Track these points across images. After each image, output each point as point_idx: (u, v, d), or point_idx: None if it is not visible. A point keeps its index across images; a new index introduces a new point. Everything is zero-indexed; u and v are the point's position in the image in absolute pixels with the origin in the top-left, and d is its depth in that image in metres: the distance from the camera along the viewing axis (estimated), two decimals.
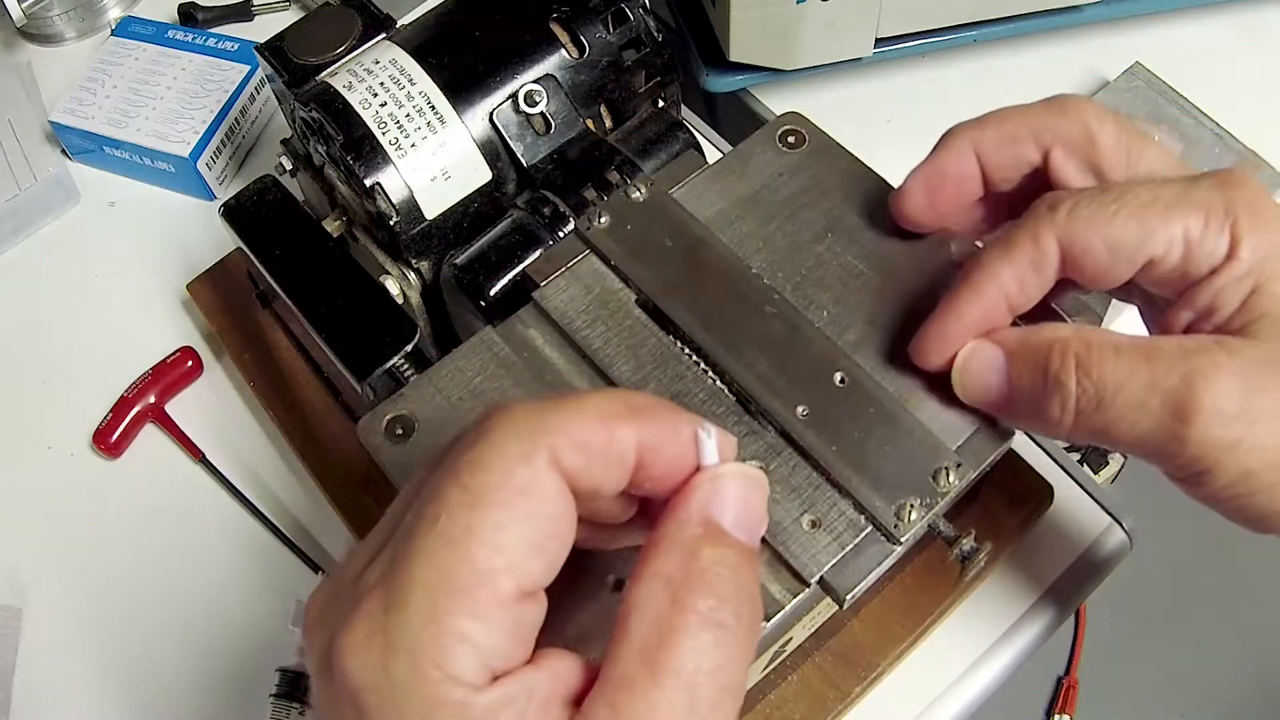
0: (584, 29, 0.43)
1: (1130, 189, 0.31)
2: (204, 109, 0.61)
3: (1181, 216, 0.30)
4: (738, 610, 0.24)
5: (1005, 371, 0.32)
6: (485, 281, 0.40)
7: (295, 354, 0.53)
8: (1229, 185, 0.31)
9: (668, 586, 0.24)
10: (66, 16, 0.69)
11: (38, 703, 0.48)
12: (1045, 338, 0.32)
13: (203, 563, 0.51)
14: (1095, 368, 0.30)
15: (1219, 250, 0.30)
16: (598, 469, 0.25)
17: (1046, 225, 0.31)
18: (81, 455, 0.54)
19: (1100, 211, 0.31)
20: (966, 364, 0.33)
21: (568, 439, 0.25)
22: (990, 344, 0.33)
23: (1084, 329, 0.32)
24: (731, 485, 0.26)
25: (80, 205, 0.63)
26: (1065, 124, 0.33)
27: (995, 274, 0.32)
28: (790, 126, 0.40)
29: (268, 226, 0.44)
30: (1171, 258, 0.31)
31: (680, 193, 0.39)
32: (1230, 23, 0.61)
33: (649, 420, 0.26)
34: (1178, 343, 0.30)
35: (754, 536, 0.26)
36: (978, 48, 0.59)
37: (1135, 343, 0.31)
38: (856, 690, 0.42)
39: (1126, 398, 0.30)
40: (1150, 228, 0.30)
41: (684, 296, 0.36)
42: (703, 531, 0.25)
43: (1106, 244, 0.31)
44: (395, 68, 0.41)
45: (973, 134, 0.35)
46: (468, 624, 0.23)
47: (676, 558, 0.25)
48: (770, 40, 0.54)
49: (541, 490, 0.24)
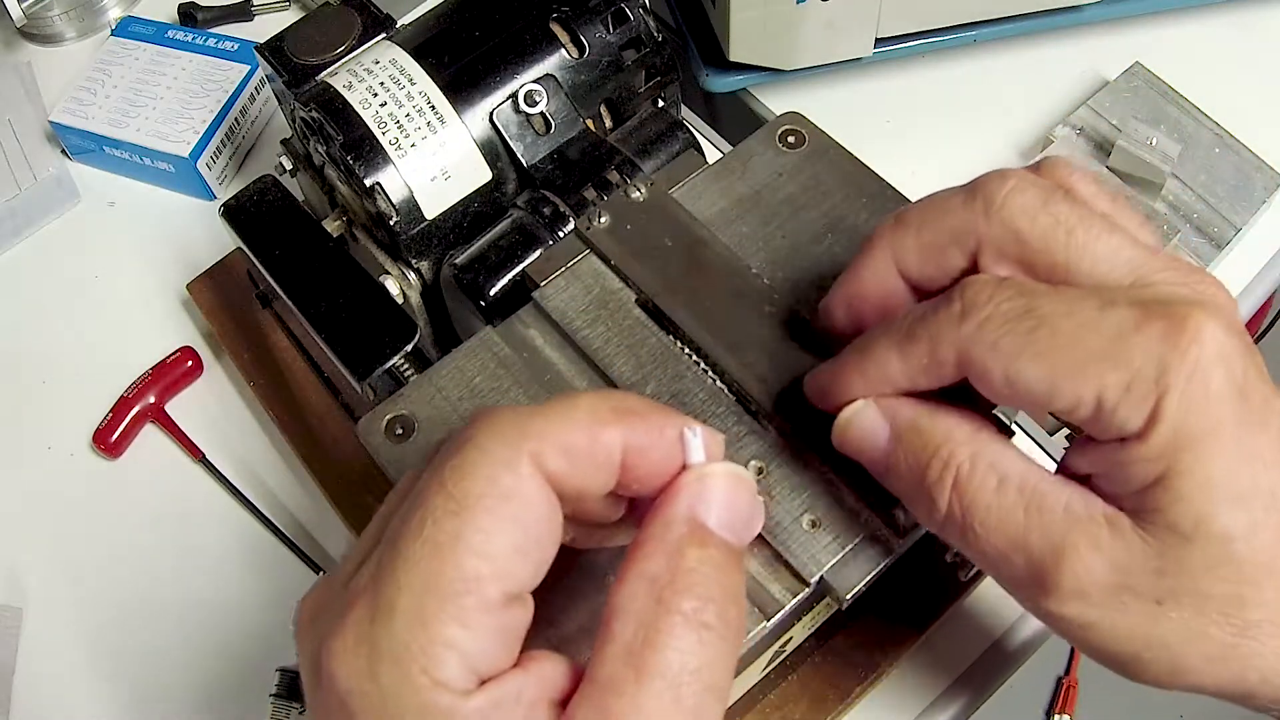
0: (584, 29, 0.43)
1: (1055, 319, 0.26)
2: (204, 109, 0.61)
3: (1101, 375, 0.26)
4: (723, 611, 0.24)
5: (886, 449, 0.30)
6: (485, 281, 0.40)
7: (295, 354, 0.53)
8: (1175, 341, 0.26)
9: (652, 587, 0.24)
10: (66, 16, 0.69)
11: (38, 703, 0.48)
12: (934, 439, 0.29)
13: (203, 563, 0.51)
14: (971, 498, 0.28)
15: (1132, 423, 0.26)
16: (583, 472, 0.25)
17: (948, 336, 0.28)
18: (81, 455, 0.54)
19: (1008, 338, 0.27)
20: (849, 424, 0.30)
21: (552, 443, 0.25)
22: (878, 415, 0.30)
23: (980, 436, 0.28)
24: (718, 485, 0.26)
25: (80, 205, 0.63)
26: (988, 226, 0.29)
27: (883, 367, 0.29)
28: (790, 126, 0.40)
29: (268, 226, 0.44)
30: (1078, 415, 0.27)
31: (680, 193, 0.39)
32: (1230, 23, 0.61)
33: (635, 422, 0.26)
34: (1065, 505, 0.27)
35: (740, 536, 0.26)
36: (978, 48, 0.59)
37: (1025, 482, 0.27)
38: (856, 690, 0.42)
39: (994, 543, 0.28)
40: (1059, 378, 0.26)
41: (684, 296, 0.36)
42: (688, 531, 0.25)
43: (1007, 380, 0.27)
44: (395, 68, 0.41)
45: (891, 244, 0.31)
46: (454, 630, 0.23)
47: (661, 558, 0.25)
48: (770, 40, 0.54)
49: (526, 495, 0.24)
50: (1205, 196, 0.53)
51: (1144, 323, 0.26)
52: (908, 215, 0.30)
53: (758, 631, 0.31)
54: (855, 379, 0.30)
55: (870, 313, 0.32)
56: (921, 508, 0.29)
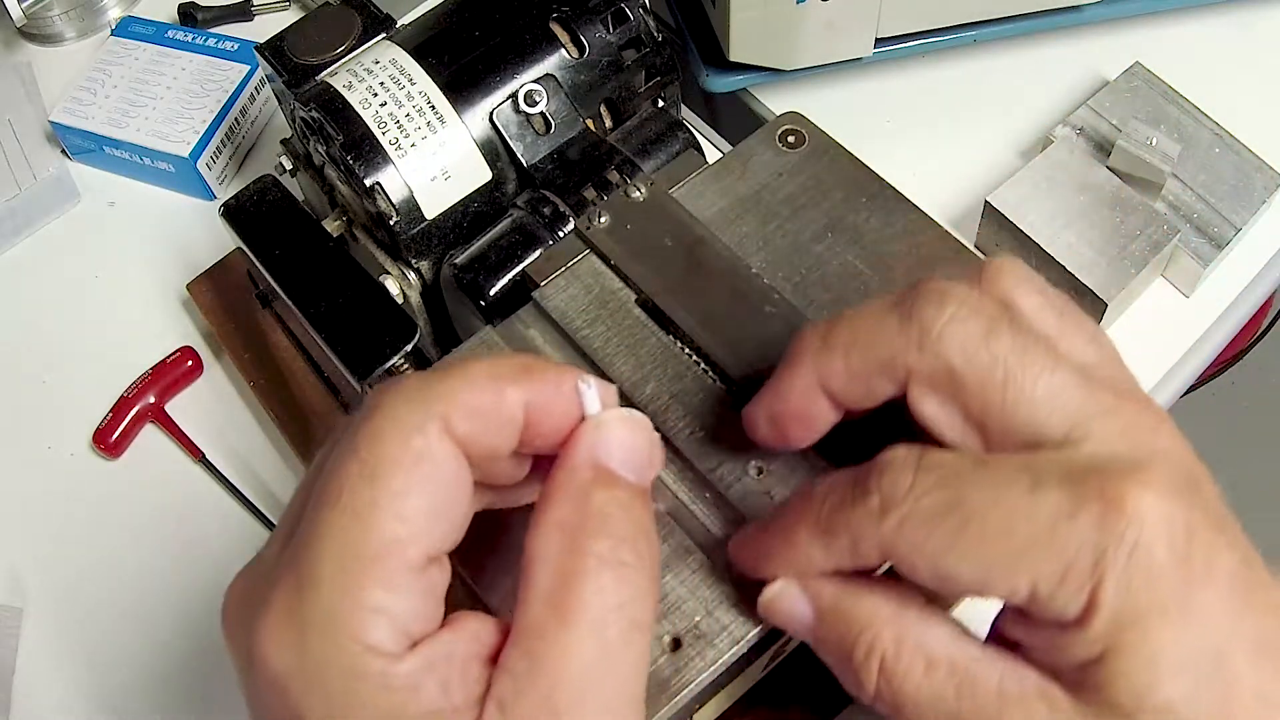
0: (584, 29, 0.43)
1: (981, 511, 0.25)
2: (204, 109, 0.61)
3: (1034, 566, 0.25)
4: (635, 547, 0.25)
5: (811, 627, 0.29)
6: (485, 281, 0.40)
7: (295, 354, 0.53)
8: (1109, 522, 0.24)
9: (563, 532, 0.25)
10: (66, 16, 0.69)
11: (38, 703, 0.48)
12: (857, 621, 0.28)
13: (203, 562, 0.51)
14: (898, 680, 0.27)
15: (1069, 611, 0.25)
16: (490, 431, 0.26)
17: (869, 532, 0.26)
18: (81, 455, 0.54)
19: (933, 539, 0.25)
20: (773, 604, 0.29)
21: (459, 405, 0.25)
22: (800, 596, 0.29)
23: (904, 616, 0.27)
24: (615, 429, 0.27)
25: (80, 205, 0.63)
26: (921, 359, 0.27)
27: (806, 556, 0.28)
28: (790, 126, 0.40)
29: (268, 226, 0.44)
30: (1012, 603, 0.26)
31: (680, 192, 0.39)
32: (1230, 23, 0.61)
33: (533, 379, 0.26)
34: (998, 682, 0.26)
35: (643, 475, 0.27)
36: (978, 48, 0.59)
37: (954, 663, 0.26)
38: None
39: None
40: (991, 574, 0.25)
41: (684, 296, 0.36)
42: (592, 476, 0.26)
43: (936, 576, 0.26)
44: (395, 67, 0.41)
45: (816, 365, 0.29)
46: (380, 594, 0.23)
47: (569, 504, 0.25)
48: (770, 40, 0.54)
49: (437, 457, 0.25)
50: (1205, 196, 0.53)
51: (1077, 509, 0.25)
52: (835, 335, 0.29)
53: (758, 631, 0.31)
54: (781, 560, 0.29)
55: (794, 431, 0.31)
56: (852, 686, 0.28)
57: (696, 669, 0.30)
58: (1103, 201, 0.51)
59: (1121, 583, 0.24)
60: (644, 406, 0.35)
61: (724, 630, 0.31)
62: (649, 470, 0.27)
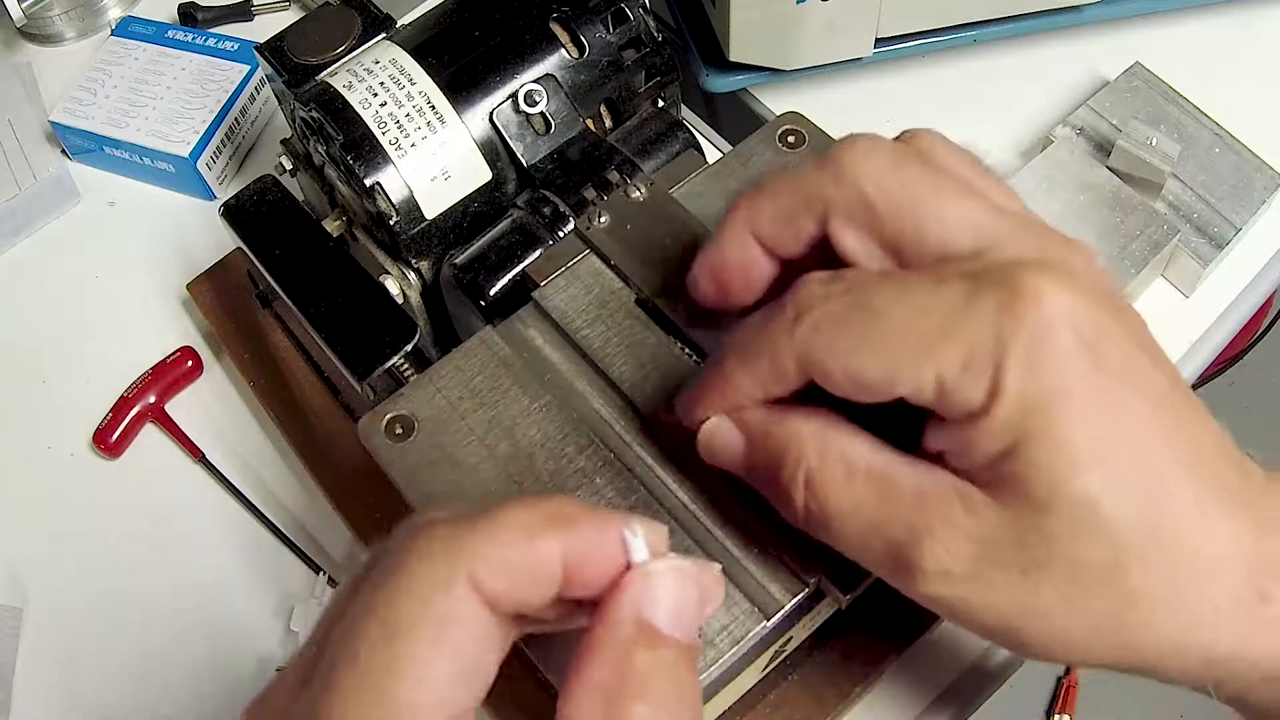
0: (584, 29, 0.43)
1: (886, 308, 0.26)
2: (204, 109, 0.61)
3: (935, 356, 0.25)
4: (676, 713, 0.24)
5: (743, 458, 0.30)
6: (485, 281, 0.40)
7: (295, 354, 0.53)
8: (1012, 308, 0.25)
9: (602, 695, 0.23)
10: (66, 16, 0.69)
11: (38, 703, 0.48)
12: (782, 437, 0.29)
13: (202, 563, 0.51)
14: (822, 491, 0.28)
15: (974, 399, 0.25)
16: (522, 587, 0.24)
17: (785, 343, 0.27)
18: (81, 455, 0.54)
19: (842, 338, 0.26)
20: (709, 440, 0.31)
21: (488, 562, 0.24)
22: (731, 427, 0.30)
23: (826, 431, 0.28)
24: (664, 582, 0.25)
25: (80, 205, 0.63)
26: (836, 191, 0.29)
27: (737, 386, 0.29)
28: (790, 126, 0.40)
29: (268, 226, 0.44)
30: (921, 398, 0.26)
31: (680, 192, 0.39)
32: (1230, 23, 0.61)
33: (571, 530, 0.25)
34: (915, 485, 0.27)
35: (691, 632, 0.25)
36: (978, 48, 0.59)
37: (872, 469, 0.27)
38: (857, 690, 0.42)
39: (852, 532, 0.27)
40: (896, 367, 0.26)
41: (684, 296, 0.36)
42: (635, 633, 0.24)
43: (848, 376, 0.27)
44: (395, 67, 0.41)
45: (747, 214, 0.31)
46: None
47: (610, 664, 0.24)
48: (770, 40, 0.54)
49: (463, 618, 0.24)
50: (1205, 196, 0.53)
51: (975, 295, 0.25)
52: (764, 184, 0.31)
53: (758, 631, 0.31)
54: (714, 397, 0.30)
55: (734, 283, 0.32)
56: (786, 509, 0.29)
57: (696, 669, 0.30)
58: (1103, 201, 0.51)
59: (1023, 366, 0.25)
60: (644, 407, 0.35)
61: (724, 630, 0.31)
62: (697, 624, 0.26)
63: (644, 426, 0.35)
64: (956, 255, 0.27)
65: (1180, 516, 0.26)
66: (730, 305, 0.32)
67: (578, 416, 0.35)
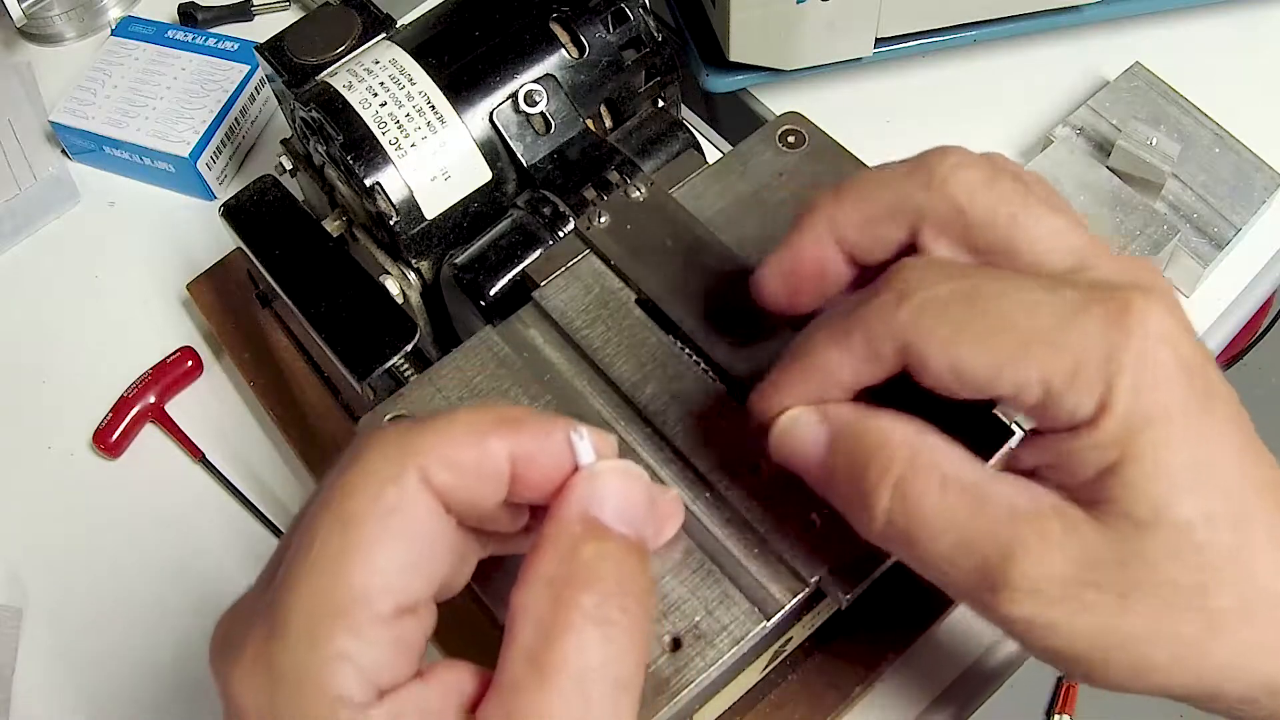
0: (584, 29, 0.43)
1: (996, 300, 0.26)
2: (204, 109, 0.61)
3: (1045, 359, 0.25)
4: (623, 604, 0.24)
5: (824, 454, 0.28)
6: (485, 281, 0.40)
7: (295, 354, 0.53)
8: (1121, 324, 0.25)
9: (550, 586, 0.24)
10: (66, 16, 0.69)
11: (38, 703, 0.48)
12: (872, 440, 0.27)
13: (203, 562, 0.51)
14: (913, 501, 0.26)
15: (1082, 410, 0.25)
16: (471, 484, 0.25)
17: (886, 323, 0.27)
18: (81, 455, 0.54)
19: (948, 324, 0.26)
20: (787, 431, 0.29)
21: (437, 457, 0.25)
22: (816, 420, 0.29)
23: (920, 437, 0.27)
24: (609, 480, 0.26)
25: (80, 205, 0.63)
26: (929, 199, 0.28)
27: (825, 367, 0.28)
28: (790, 126, 0.40)
29: (268, 226, 0.44)
30: (1024, 401, 0.26)
31: (680, 193, 0.39)
32: (1230, 23, 0.61)
33: (519, 430, 0.26)
34: (1010, 500, 0.26)
35: (639, 528, 0.26)
36: (978, 48, 0.59)
37: (965, 481, 0.26)
38: (857, 690, 0.42)
39: (939, 546, 0.26)
40: (1003, 364, 0.25)
41: (684, 296, 0.36)
42: (582, 529, 0.25)
43: (949, 367, 0.26)
44: (395, 67, 0.41)
45: (829, 216, 0.30)
46: (348, 644, 0.23)
47: (557, 558, 0.25)
48: (770, 40, 0.54)
49: (412, 509, 0.25)
50: (1205, 196, 0.53)
51: (1087, 305, 0.25)
52: (847, 186, 0.30)
53: (758, 631, 0.31)
54: (795, 381, 0.29)
55: (806, 286, 0.31)
56: (862, 515, 0.28)
57: (696, 669, 0.30)
58: (1103, 201, 0.51)
59: (1134, 383, 0.25)
60: (644, 406, 0.35)
61: (724, 630, 0.31)
62: (646, 523, 0.26)
63: (644, 427, 0.35)
64: (1050, 271, 0.27)
65: (1256, 542, 0.26)
66: (796, 309, 0.31)
67: (578, 416, 0.35)
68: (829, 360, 0.28)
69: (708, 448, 0.34)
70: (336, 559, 0.24)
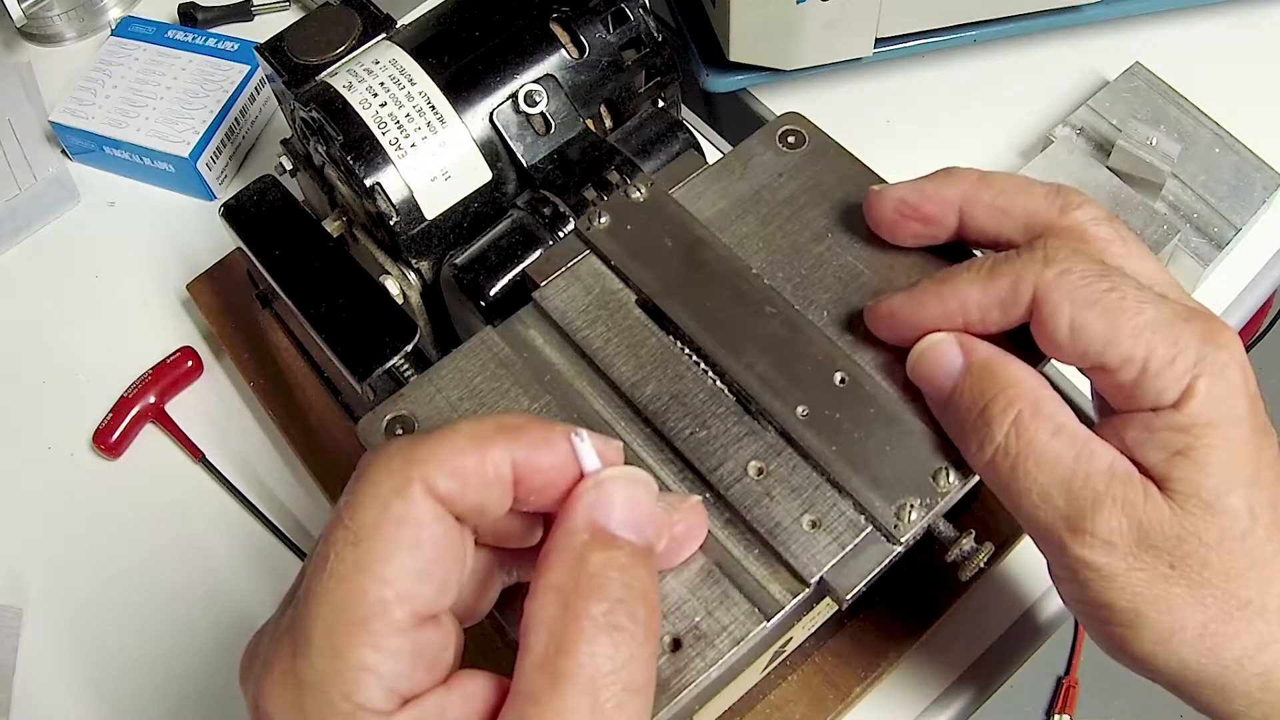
0: (584, 29, 0.43)
1: (1126, 287, 0.30)
2: (204, 109, 0.61)
3: (1152, 343, 0.29)
4: (632, 610, 0.25)
5: (956, 378, 0.32)
6: (485, 281, 0.40)
7: (295, 354, 0.53)
8: (1212, 340, 0.30)
9: (559, 596, 0.25)
10: (66, 16, 0.69)
11: (38, 703, 0.48)
12: (1005, 377, 0.31)
13: (202, 562, 0.51)
14: (1029, 436, 0.30)
15: (1169, 392, 0.29)
16: (475, 490, 0.26)
17: (1031, 275, 0.31)
18: (81, 455, 0.54)
19: (1083, 290, 0.30)
20: (925, 353, 0.33)
21: (439, 466, 0.26)
22: (955, 346, 0.32)
23: (1043, 389, 0.31)
24: (615, 487, 0.27)
25: (80, 205, 0.63)
26: (1059, 220, 0.33)
27: (963, 295, 0.32)
28: (790, 126, 0.40)
29: (268, 226, 0.44)
30: (1124, 375, 0.30)
31: (680, 193, 0.39)
32: (1230, 23, 0.61)
33: (520, 435, 0.27)
34: (1109, 461, 0.30)
35: (645, 535, 0.27)
36: (978, 48, 0.59)
37: (1077, 434, 0.30)
38: (856, 690, 0.42)
39: (1040, 480, 0.30)
40: (1118, 334, 0.30)
41: (684, 296, 0.36)
42: (589, 537, 0.26)
43: (1072, 325, 0.30)
44: (395, 68, 0.41)
45: (970, 188, 0.34)
46: (368, 654, 0.24)
47: (565, 566, 0.26)
48: (770, 40, 0.54)
49: (418, 519, 0.25)
50: (1205, 196, 0.53)
51: (1189, 319, 0.30)
52: (996, 178, 0.34)
53: (758, 631, 0.31)
54: (932, 304, 0.32)
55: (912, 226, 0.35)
56: (974, 438, 0.31)
57: (696, 669, 0.30)
58: (1102, 201, 0.51)
59: (1214, 385, 0.29)
60: (644, 407, 0.35)
61: (724, 630, 0.31)
62: (652, 529, 0.27)
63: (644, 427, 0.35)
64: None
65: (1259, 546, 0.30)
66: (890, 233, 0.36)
67: (578, 417, 0.35)
68: (970, 294, 0.32)
69: (708, 448, 0.34)
70: (351, 573, 0.25)
